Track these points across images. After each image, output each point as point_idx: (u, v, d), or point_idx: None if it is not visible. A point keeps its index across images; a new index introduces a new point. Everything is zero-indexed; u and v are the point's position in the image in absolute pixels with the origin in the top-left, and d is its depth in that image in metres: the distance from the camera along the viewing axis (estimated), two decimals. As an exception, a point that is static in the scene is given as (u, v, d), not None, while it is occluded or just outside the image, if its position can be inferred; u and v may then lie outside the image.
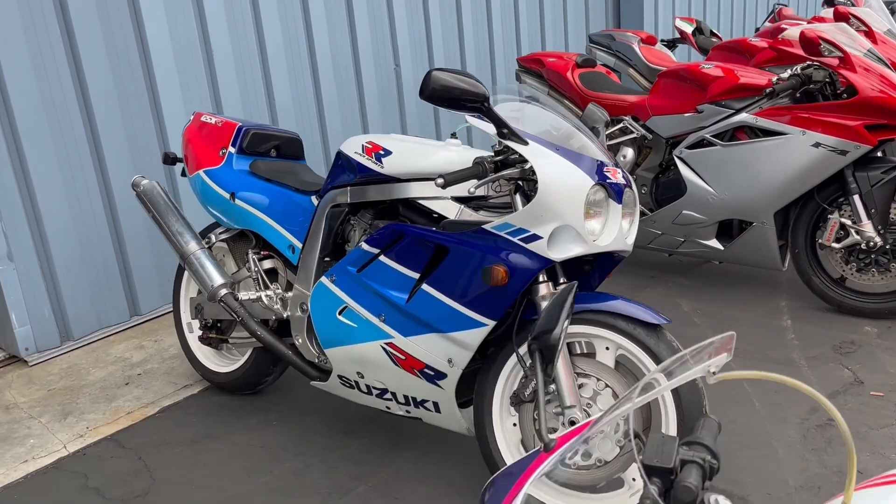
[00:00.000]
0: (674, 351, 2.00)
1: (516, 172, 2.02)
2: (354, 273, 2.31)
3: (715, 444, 0.92)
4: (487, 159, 2.04)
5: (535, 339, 1.92)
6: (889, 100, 2.97)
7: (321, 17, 4.35)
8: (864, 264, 3.23)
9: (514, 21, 5.65)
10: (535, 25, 5.85)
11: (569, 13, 6.14)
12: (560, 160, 1.98)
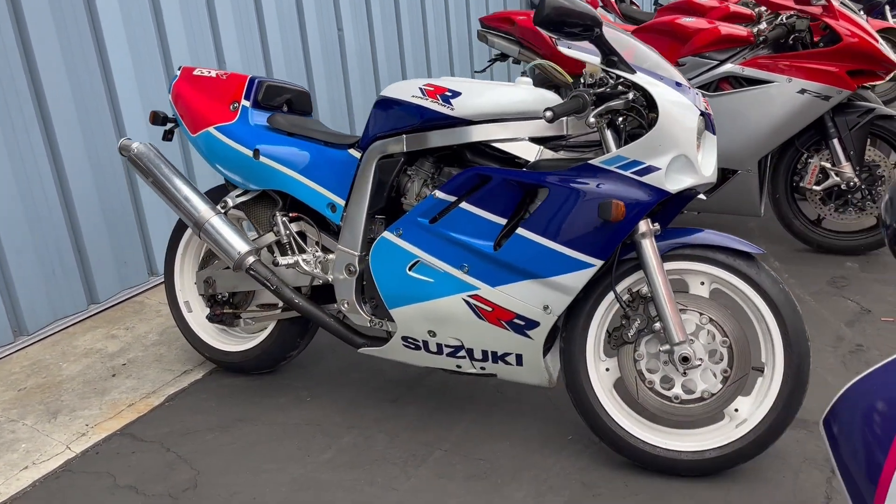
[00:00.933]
0: (774, 280, 2.02)
1: (621, 104, 1.95)
2: (427, 224, 2.15)
3: None
4: (588, 92, 1.96)
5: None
6: (869, 46, 3.16)
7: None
8: (841, 204, 3.43)
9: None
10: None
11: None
12: (670, 88, 1.93)
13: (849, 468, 0.96)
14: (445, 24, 5.59)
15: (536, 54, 3.96)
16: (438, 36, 5.56)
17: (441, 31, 5.54)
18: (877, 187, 3.38)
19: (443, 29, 5.54)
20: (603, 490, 2.07)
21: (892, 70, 3.23)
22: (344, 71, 4.70)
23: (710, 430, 2.10)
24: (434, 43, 5.54)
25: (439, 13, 5.63)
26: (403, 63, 5.21)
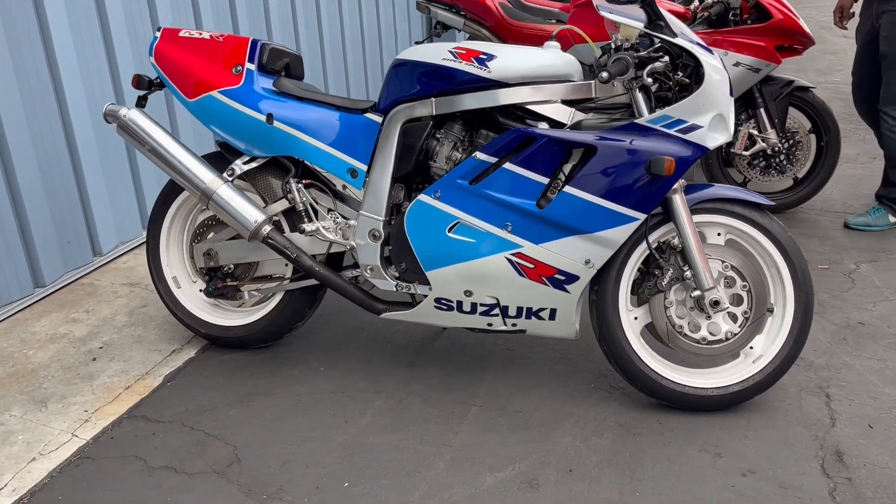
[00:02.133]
0: (782, 228, 2.25)
1: (661, 66, 2.09)
2: (467, 185, 2.20)
3: None
4: (631, 54, 2.08)
5: None
6: (794, 23, 3.52)
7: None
8: (765, 168, 3.81)
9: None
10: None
11: None
12: (709, 54, 2.09)
13: None
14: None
15: (482, 25, 4.04)
16: (368, 8, 5.48)
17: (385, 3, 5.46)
18: (795, 152, 3.78)
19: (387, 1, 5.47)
20: (642, 429, 2.23)
21: (810, 45, 3.61)
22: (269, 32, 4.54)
23: (730, 367, 2.32)
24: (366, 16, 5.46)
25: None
26: (343, 36, 5.09)
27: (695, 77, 2.14)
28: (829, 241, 3.50)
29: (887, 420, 2.26)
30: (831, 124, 3.71)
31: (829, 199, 4.00)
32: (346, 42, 5.26)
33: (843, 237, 3.55)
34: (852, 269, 3.22)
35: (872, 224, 3.62)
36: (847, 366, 2.53)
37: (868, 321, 2.81)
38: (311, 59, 4.87)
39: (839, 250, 3.40)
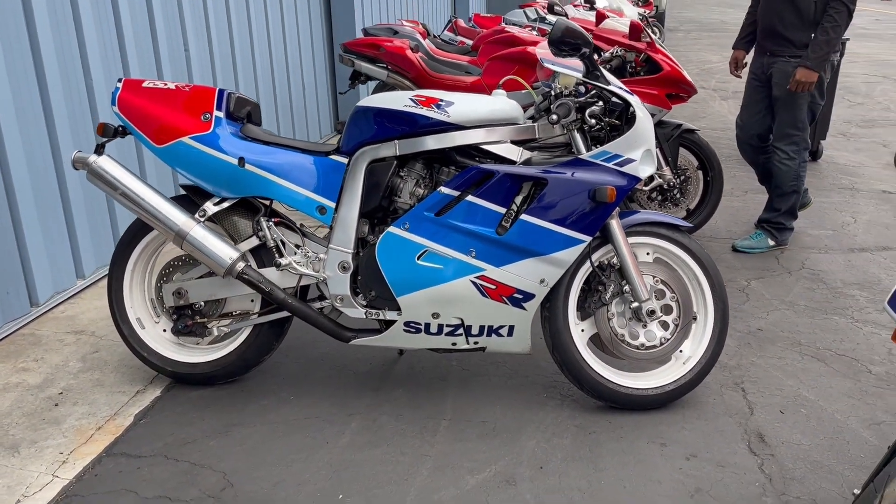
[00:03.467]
0: (700, 246, 2.63)
1: (598, 109, 2.43)
2: (433, 217, 2.44)
3: None
4: (572, 100, 2.42)
5: None
6: (681, 75, 4.03)
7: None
8: (661, 201, 4.28)
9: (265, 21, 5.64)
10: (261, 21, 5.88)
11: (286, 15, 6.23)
12: (637, 98, 2.45)
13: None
14: (298, 49, 5.69)
15: (405, 77, 4.33)
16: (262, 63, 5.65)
17: (307, 54, 5.63)
18: (686, 186, 4.28)
19: (307, 52, 5.64)
20: (596, 428, 2.51)
21: (693, 93, 4.13)
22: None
23: (665, 369, 2.65)
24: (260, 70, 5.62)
25: (292, 39, 5.73)
26: (237, 85, 5.23)
27: (624, 118, 2.50)
28: (722, 263, 3.98)
29: (794, 406, 2.65)
30: (715, 162, 4.24)
31: (715, 227, 4.52)
32: (258, 90, 5.42)
33: (732, 259, 4.04)
34: (745, 286, 3.69)
35: (755, 247, 4.14)
36: (755, 365, 2.93)
37: (765, 327, 3.24)
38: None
39: (732, 271, 3.88)
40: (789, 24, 3.91)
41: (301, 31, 6.18)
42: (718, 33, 18.79)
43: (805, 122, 4.00)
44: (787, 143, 4.04)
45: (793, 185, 4.08)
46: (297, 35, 6.10)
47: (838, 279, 3.74)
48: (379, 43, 4.40)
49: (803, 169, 4.08)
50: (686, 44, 16.27)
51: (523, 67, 4.20)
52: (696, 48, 15.30)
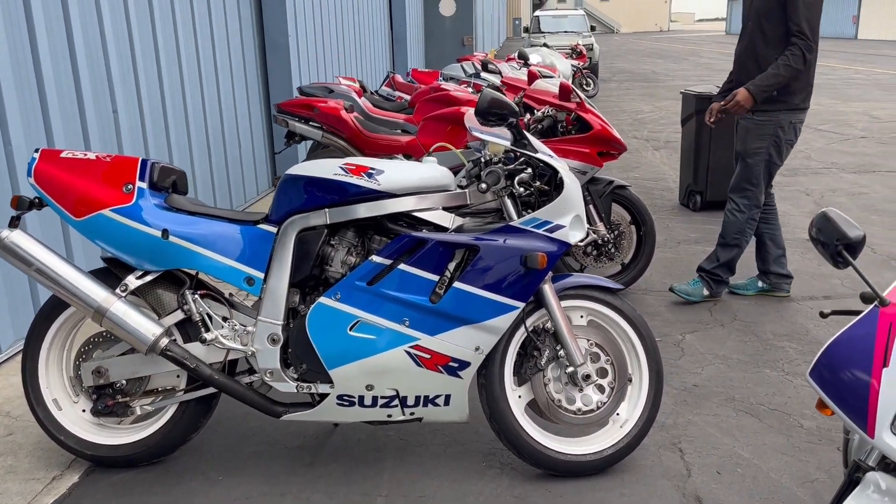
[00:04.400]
0: (632, 308, 2.65)
1: (527, 176, 2.45)
2: (365, 286, 2.40)
3: None
4: (500, 168, 2.43)
5: (840, 243, 1.61)
6: (611, 134, 4.13)
7: (46, 52, 3.83)
8: (597, 255, 4.33)
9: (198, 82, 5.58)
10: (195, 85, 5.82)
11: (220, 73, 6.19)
12: (563, 164, 2.48)
13: (843, 398, 1.50)
14: (234, 106, 5.61)
15: (340, 137, 4.31)
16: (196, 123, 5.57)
17: (243, 112, 5.56)
18: (620, 241, 4.34)
19: (243, 109, 5.57)
20: (535, 498, 2.47)
21: (623, 151, 4.23)
22: (119, 150, 4.52)
23: (602, 433, 2.63)
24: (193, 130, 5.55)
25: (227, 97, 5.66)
26: (169, 149, 5.13)
27: (553, 184, 2.52)
28: (658, 317, 4.02)
29: (730, 466, 2.66)
30: (647, 217, 4.32)
31: (650, 280, 4.59)
32: (192, 151, 5.32)
33: (667, 313, 4.10)
34: (680, 340, 3.73)
35: (691, 293, 4.20)
36: (691, 423, 2.94)
37: (700, 383, 3.27)
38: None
39: (667, 325, 3.93)
40: (752, 73, 3.92)
41: (236, 89, 6.15)
42: (650, 83, 19.49)
43: (759, 180, 4.01)
44: (739, 195, 4.08)
45: (736, 238, 4.12)
46: (232, 93, 6.06)
47: (769, 330, 3.82)
48: (313, 104, 4.39)
49: (750, 226, 4.09)
50: (619, 94, 16.80)
51: (457, 127, 4.24)
52: (628, 98, 15.81)
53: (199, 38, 5.39)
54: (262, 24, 6.86)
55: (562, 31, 20.34)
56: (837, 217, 1.65)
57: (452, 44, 14.58)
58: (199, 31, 5.38)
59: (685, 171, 6.45)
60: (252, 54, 6.57)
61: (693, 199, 6.31)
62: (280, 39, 6.87)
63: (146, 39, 4.70)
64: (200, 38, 5.41)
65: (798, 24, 3.71)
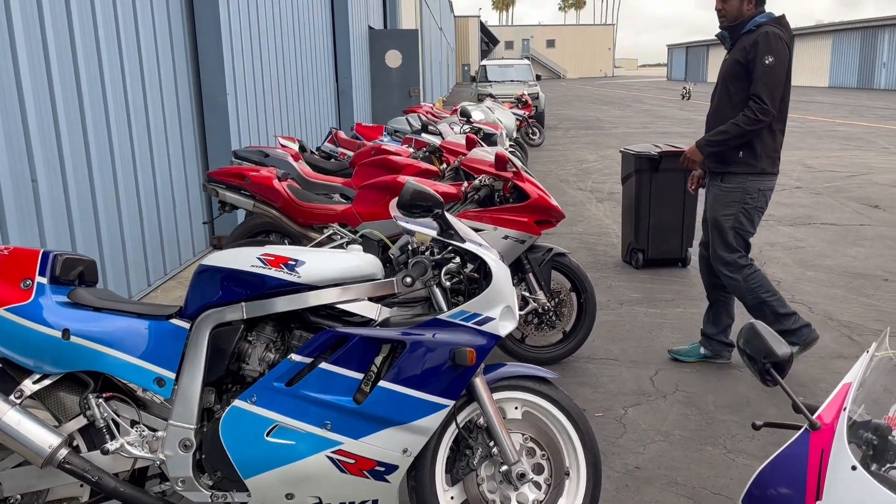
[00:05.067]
0: (568, 397, 2.55)
1: (455, 267, 2.35)
2: (283, 388, 2.25)
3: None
4: (428, 258, 2.33)
5: (767, 361, 1.62)
6: (548, 202, 4.08)
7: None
8: (538, 324, 4.25)
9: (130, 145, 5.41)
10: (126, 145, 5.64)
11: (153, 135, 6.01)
12: (493, 254, 2.39)
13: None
14: (168, 170, 5.42)
15: (272, 206, 4.17)
16: (127, 188, 5.37)
17: (178, 175, 5.36)
18: (561, 309, 4.27)
19: (178, 172, 5.37)
20: None
21: (561, 218, 4.19)
22: (39, 224, 4.30)
23: (537, 533, 2.50)
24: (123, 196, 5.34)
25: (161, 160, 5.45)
26: (97, 217, 4.92)
27: (482, 273, 2.43)
28: (600, 389, 3.94)
29: (673, 559, 2.55)
30: (587, 284, 4.27)
31: (593, 346, 4.52)
32: (122, 219, 5.11)
33: (610, 383, 4.02)
34: (622, 415, 3.65)
35: (684, 355, 4.28)
36: (633, 511, 2.84)
37: (642, 465, 3.18)
38: (88, 246, 4.66)
39: (609, 397, 3.85)
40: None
41: (171, 151, 5.95)
42: (595, 131, 19.88)
43: (734, 245, 3.99)
44: (722, 265, 4.05)
45: (752, 297, 4.00)
46: (167, 155, 5.86)
47: (711, 402, 3.77)
48: (244, 173, 4.25)
49: (753, 281, 3.98)
50: (565, 142, 17.07)
51: (392, 196, 4.14)
52: (574, 147, 16.06)
53: (131, 97, 5.21)
54: (200, 82, 6.72)
55: (508, 80, 20.69)
56: (765, 331, 1.58)
57: (400, 95, 14.63)
58: (130, 91, 5.19)
59: (627, 228, 6.47)
60: (189, 114, 6.41)
61: (635, 256, 6.32)
62: (218, 98, 6.74)
63: (70, 99, 4.50)
64: (132, 97, 5.23)
65: (756, 88, 3.76)
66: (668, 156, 6.08)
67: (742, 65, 3.82)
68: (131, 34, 5.25)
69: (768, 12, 3.89)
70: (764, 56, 3.72)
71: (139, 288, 5.26)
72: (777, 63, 3.73)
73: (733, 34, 3.94)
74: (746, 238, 4.02)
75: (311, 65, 10.36)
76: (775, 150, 3.92)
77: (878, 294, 5.53)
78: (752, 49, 3.77)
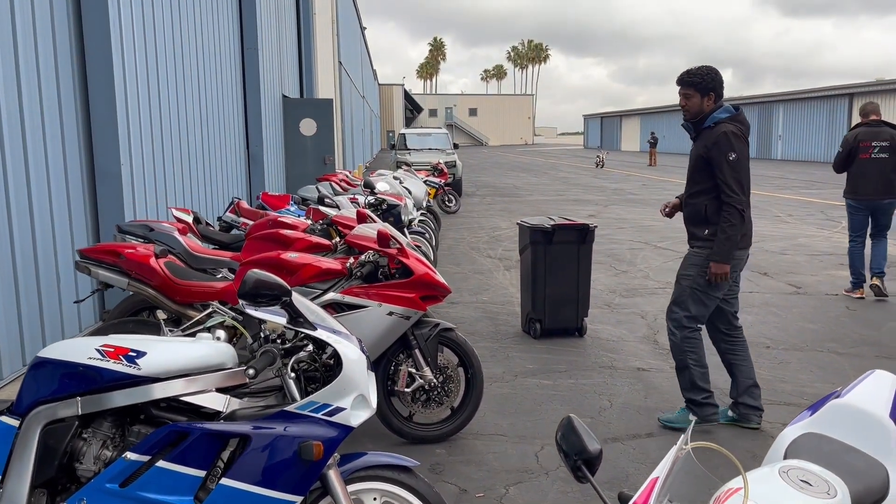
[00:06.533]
0: (428, 485, 2.51)
1: (305, 355, 2.30)
2: (117, 489, 2.13)
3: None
4: (277, 347, 2.27)
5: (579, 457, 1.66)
6: (432, 278, 4.09)
7: None
8: (425, 401, 4.20)
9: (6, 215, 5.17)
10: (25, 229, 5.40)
11: (35, 203, 5.78)
12: (346, 341, 2.35)
13: None
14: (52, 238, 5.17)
15: (147, 285, 4.04)
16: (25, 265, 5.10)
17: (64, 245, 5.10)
18: (448, 385, 4.25)
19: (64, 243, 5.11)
20: None
21: (447, 293, 4.20)
22: None
23: None
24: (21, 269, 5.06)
25: (44, 227, 5.19)
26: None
27: (335, 360, 2.38)
28: (483, 467, 3.90)
29: None
30: (474, 359, 4.26)
31: (483, 421, 4.49)
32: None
33: (494, 461, 3.99)
34: (503, 494, 3.61)
35: (674, 420, 4.43)
36: None
37: (518, 547, 3.13)
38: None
39: (492, 475, 3.81)
40: (690, 218, 4.42)
41: (57, 224, 5.69)
42: (511, 198, 20.33)
43: (687, 305, 4.33)
44: (668, 317, 4.46)
45: (680, 358, 4.39)
46: (51, 228, 5.60)
47: (592, 477, 3.77)
48: (119, 250, 4.12)
49: (689, 345, 4.34)
50: (480, 209, 17.35)
51: (281, 274, 4.08)
52: (488, 213, 16.34)
53: (10, 164, 4.99)
54: (92, 150, 6.51)
55: (427, 149, 21.04)
56: (580, 427, 1.60)
57: (315, 162, 14.64)
58: (10, 157, 4.98)
59: (525, 298, 6.56)
60: (78, 184, 6.19)
61: (533, 326, 6.39)
62: (111, 168, 6.55)
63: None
64: (11, 164, 5.00)
65: (728, 184, 4.15)
66: (561, 229, 6.24)
67: (705, 159, 4.26)
68: (12, 91, 5.05)
69: (726, 106, 4.32)
70: (727, 154, 4.15)
71: (13, 369, 4.95)
72: (739, 157, 4.17)
73: (696, 127, 4.39)
74: (707, 302, 4.32)
75: (218, 132, 10.27)
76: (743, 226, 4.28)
77: (760, 361, 5.73)
78: (713, 147, 4.20)
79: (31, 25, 5.34)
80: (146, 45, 7.33)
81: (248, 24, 11.87)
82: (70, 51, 6.03)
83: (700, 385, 4.36)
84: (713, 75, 4.28)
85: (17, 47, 5.11)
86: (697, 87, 4.27)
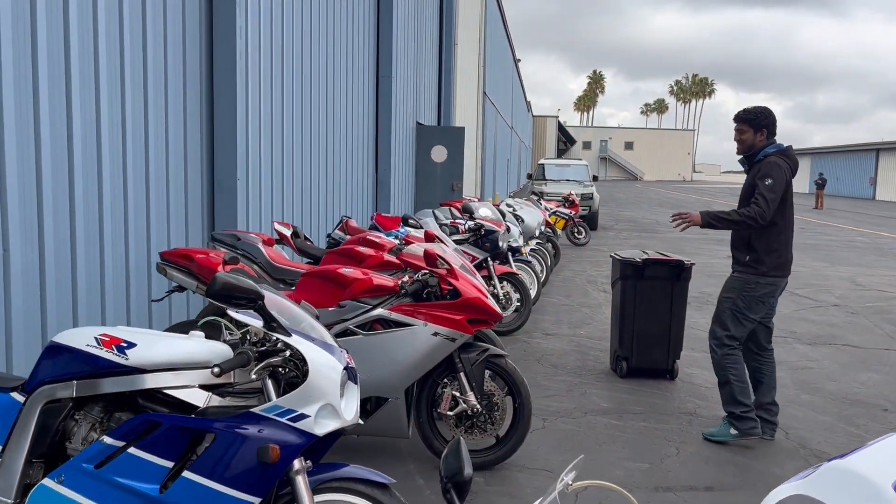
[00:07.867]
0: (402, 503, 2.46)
1: (279, 360, 2.35)
2: (92, 470, 2.26)
3: None
4: (252, 349, 2.34)
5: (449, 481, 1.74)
6: (481, 302, 4.04)
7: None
8: (469, 427, 4.14)
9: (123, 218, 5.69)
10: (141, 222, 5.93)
11: (171, 212, 6.32)
12: (319, 349, 2.38)
13: None
14: (124, 250, 5.68)
15: (213, 289, 4.29)
16: (116, 264, 5.60)
17: (119, 259, 5.61)
18: (494, 413, 4.16)
19: (121, 257, 5.62)
20: None
21: (498, 320, 4.13)
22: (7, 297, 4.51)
23: None
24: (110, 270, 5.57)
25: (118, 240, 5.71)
26: (75, 289, 5.14)
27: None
28: (517, 500, 3.77)
29: None
30: (522, 389, 4.14)
31: (535, 454, 4.35)
32: (105, 292, 5.33)
33: (530, 495, 3.84)
34: (526, 530, 3.47)
35: (716, 434, 4.71)
36: None
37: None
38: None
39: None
40: (735, 243, 4.75)
41: (173, 231, 6.18)
42: (648, 234, 19.69)
43: (727, 325, 4.65)
44: (711, 337, 4.77)
45: (722, 374, 4.71)
46: (167, 234, 6.09)
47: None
48: (192, 254, 4.41)
49: (729, 361, 4.66)
50: (613, 243, 16.94)
51: (335, 287, 4.20)
52: (619, 247, 15.87)
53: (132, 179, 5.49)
54: (213, 165, 7.03)
55: (564, 180, 20.88)
56: (464, 452, 1.52)
57: (443, 188, 14.94)
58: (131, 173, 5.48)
59: (613, 334, 6.31)
60: (197, 196, 6.70)
61: (620, 364, 6.12)
62: (227, 182, 7.03)
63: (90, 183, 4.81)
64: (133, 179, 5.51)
65: (759, 195, 4.46)
66: (653, 264, 5.96)
67: (752, 188, 4.55)
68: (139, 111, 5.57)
69: (778, 143, 4.65)
70: (766, 178, 4.47)
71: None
72: (775, 183, 4.45)
73: (749, 160, 4.70)
74: (745, 324, 4.62)
75: (345, 154, 10.75)
76: (781, 255, 4.57)
77: (871, 425, 5.15)
78: (758, 174, 4.54)
79: (164, 66, 5.86)
80: (272, 68, 7.81)
81: (384, 54, 12.39)
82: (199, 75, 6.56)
83: (739, 399, 4.63)
84: (767, 114, 4.62)
85: (148, 91, 5.64)
86: (751, 123, 4.60)
